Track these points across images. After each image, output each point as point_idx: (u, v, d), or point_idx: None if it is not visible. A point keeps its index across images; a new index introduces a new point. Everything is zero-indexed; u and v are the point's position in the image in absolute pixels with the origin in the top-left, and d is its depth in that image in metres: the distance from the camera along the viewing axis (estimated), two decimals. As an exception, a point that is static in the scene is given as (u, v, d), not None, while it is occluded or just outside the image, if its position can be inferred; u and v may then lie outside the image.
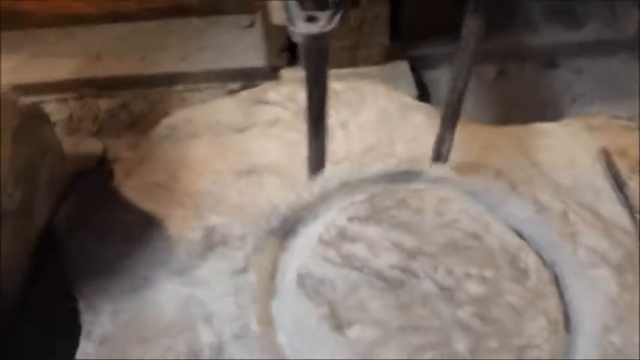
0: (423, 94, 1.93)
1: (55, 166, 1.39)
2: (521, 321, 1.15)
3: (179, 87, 1.93)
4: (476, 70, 2.02)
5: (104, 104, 1.88)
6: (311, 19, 0.89)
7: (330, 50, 0.99)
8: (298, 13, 0.90)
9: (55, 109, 1.84)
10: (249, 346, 1.14)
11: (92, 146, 1.72)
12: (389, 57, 1.92)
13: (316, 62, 0.99)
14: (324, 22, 0.89)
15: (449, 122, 1.26)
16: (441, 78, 1.94)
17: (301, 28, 0.89)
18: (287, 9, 0.92)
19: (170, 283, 1.22)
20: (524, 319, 1.15)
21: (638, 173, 1.39)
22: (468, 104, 1.92)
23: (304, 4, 0.90)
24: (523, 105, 1.94)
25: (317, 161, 1.25)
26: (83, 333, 1.18)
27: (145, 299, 1.21)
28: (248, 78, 1.94)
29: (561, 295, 1.23)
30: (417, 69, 1.99)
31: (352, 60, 1.89)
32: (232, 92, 1.81)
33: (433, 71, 2.00)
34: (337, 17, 0.90)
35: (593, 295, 1.19)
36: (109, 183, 1.43)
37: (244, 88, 1.84)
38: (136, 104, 1.88)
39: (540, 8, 2.11)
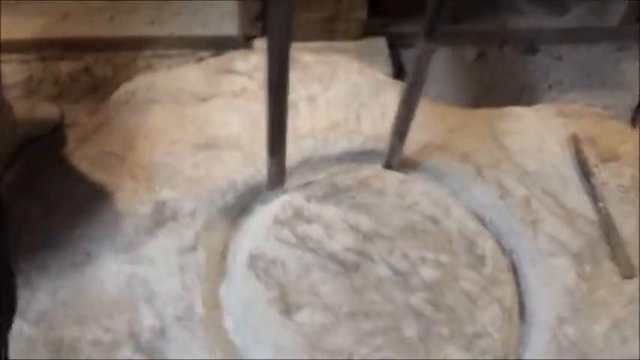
0: (400, 72, 1.88)
1: (2, 129, 1.32)
2: (474, 308, 1.12)
3: (147, 52, 1.85)
4: (455, 52, 1.99)
5: (66, 67, 1.80)
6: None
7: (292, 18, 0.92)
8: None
9: (15, 69, 1.76)
10: (191, 329, 1.09)
11: (49, 111, 1.65)
12: (367, 33, 1.87)
13: (279, 25, 0.92)
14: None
15: (399, 134, 1.23)
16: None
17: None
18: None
19: (114, 260, 1.17)
20: (477, 307, 1.13)
21: (606, 162, 1.36)
22: (445, 86, 1.88)
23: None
24: (500, 88, 1.90)
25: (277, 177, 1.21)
26: (18, 311, 1.12)
27: (87, 276, 1.16)
28: (220, 47, 1.87)
29: (518, 283, 1.20)
30: (395, 46, 1.94)
31: (330, 33, 1.83)
32: (202, 60, 1.75)
33: (412, 49, 1.94)
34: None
35: (549, 285, 1.17)
36: (60, 150, 1.37)
37: (215, 56, 1.78)
38: (100, 68, 1.81)
39: (525, -8, 2.06)
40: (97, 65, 1.82)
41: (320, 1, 1.69)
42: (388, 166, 1.33)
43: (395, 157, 1.31)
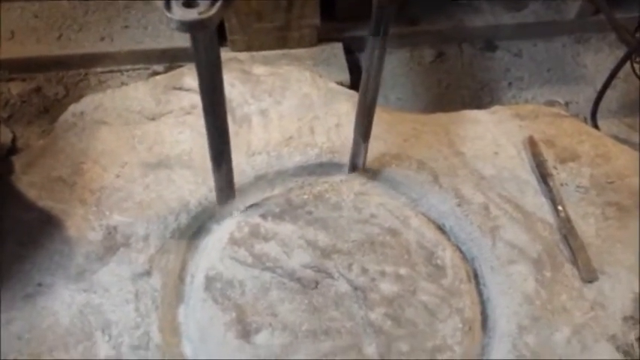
0: (358, 78, 1.86)
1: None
2: (434, 321, 1.11)
3: (98, 69, 1.82)
4: (413, 53, 1.98)
5: (16, 88, 1.76)
6: (189, 4, 0.80)
7: (216, 43, 0.89)
8: (175, -5, 0.80)
9: (-37, 93, 1.71)
10: (147, 357, 1.06)
11: (0, 134, 1.61)
12: (322, 38, 1.85)
13: (204, 56, 0.89)
14: (203, 8, 0.80)
15: (362, 133, 1.20)
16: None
17: (176, 14, 0.79)
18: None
19: (66, 290, 1.14)
20: (437, 320, 1.11)
21: (564, 163, 1.35)
22: (404, 89, 1.87)
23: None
24: (460, 88, 1.89)
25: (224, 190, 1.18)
26: (-29, 345, 1.09)
27: (39, 307, 1.12)
28: (173, 59, 1.84)
29: (480, 293, 1.19)
30: (352, 51, 1.92)
31: (283, 42, 1.81)
32: (156, 74, 1.71)
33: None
34: (219, 2, 0.80)
35: (509, 293, 1.15)
36: (8, 176, 1.33)
37: (169, 69, 1.74)
38: (51, 88, 1.77)
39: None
40: (47, 85, 1.78)
41: (270, 11, 1.66)
42: (354, 168, 1.30)
43: (359, 158, 1.28)
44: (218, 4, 0.81)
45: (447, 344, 1.08)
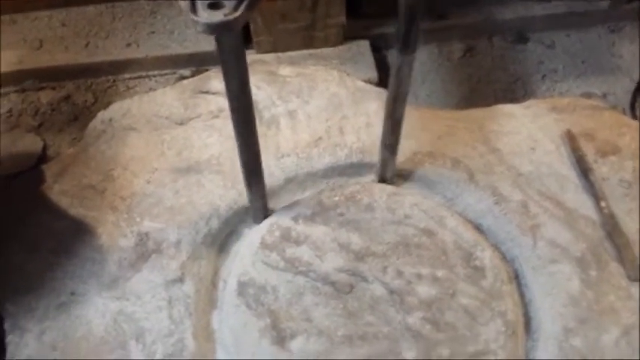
0: (385, 75, 1.83)
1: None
2: (475, 325, 1.07)
3: (126, 75, 1.82)
4: (442, 49, 1.93)
5: (45, 97, 1.76)
6: (214, 6, 0.78)
7: (242, 45, 0.87)
8: (200, -2, 0.79)
9: (-6, 104, 1.73)
10: (181, 364, 1.05)
11: (31, 143, 1.62)
12: (349, 37, 1.82)
13: (230, 59, 0.87)
14: (229, 9, 0.78)
15: (390, 147, 1.17)
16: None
17: (202, 17, 0.77)
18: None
19: (100, 298, 1.13)
20: (478, 323, 1.07)
21: (605, 157, 1.30)
22: (433, 86, 1.82)
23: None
24: (491, 83, 1.84)
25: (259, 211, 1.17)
26: (7, 356, 1.09)
27: (73, 316, 1.12)
28: (200, 63, 1.83)
29: (522, 294, 1.14)
30: (379, 49, 1.89)
31: (309, 42, 1.78)
32: (184, 79, 1.71)
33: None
34: (245, 3, 0.78)
35: (553, 294, 1.11)
36: (39, 186, 1.33)
37: (196, 74, 1.73)
38: (80, 95, 1.77)
39: (510, -20, 2.00)
40: (77, 92, 1.78)
41: (295, 10, 1.64)
42: (382, 180, 1.28)
43: (388, 171, 1.25)
44: (243, 6, 0.79)
45: (490, 348, 1.04)
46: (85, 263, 1.18)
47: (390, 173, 1.25)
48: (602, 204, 1.21)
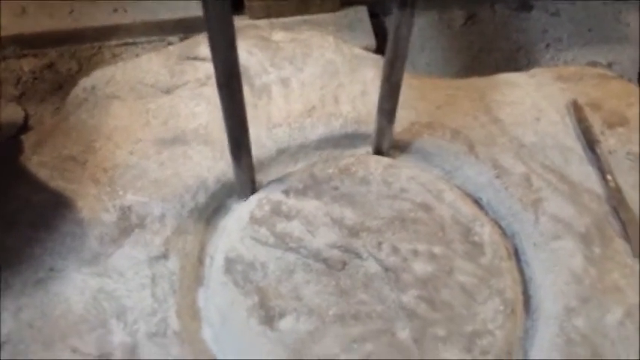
0: (384, 43, 1.76)
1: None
2: (473, 304, 1.02)
3: (112, 42, 1.74)
4: (443, 16, 1.85)
5: (28, 64, 1.70)
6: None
7: (230, 10, 0.80)
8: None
9: (-27, 73, 1.66)
10: (165, 344, 1.00)
11: (12, 113, 1.55)
12: (345, 2, 1.74)
13: (214, 18, 0.80)
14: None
15: (387, 112, 1.10)
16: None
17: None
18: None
19: (79, 274, 1.07)
20: (476, 302, 1.02)
21: (612, 128, 1.23)
22: (433, 54, 1.75)
23: None
24: (494, 52, 1.77)
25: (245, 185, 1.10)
26: (-17, 334, 1.04)
27: (51, 293, 1.06)
28: (189, 30, 1.76)
29: (521, 271, 1.09)
30: (377, 14, 1.81)
31: (303, 7, 1.71)
32: (171, 45, 1.63)
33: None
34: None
35: (555, 271, 1.06)
36: (18, 157, 1.27)
37: (185, 40, 1.66)
38: (64, 63, 1.71)
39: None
40: (60, 60, 1.72)
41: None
42: (378, 151, 1.22)
43: (385, 141, 1.19)
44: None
45: (487, 328, 1.00)
46: (64, 238, 1.12)
47: (387, 144, 1.19)
48: (608, 177, 1.15)
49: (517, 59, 1.73)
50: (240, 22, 1.67)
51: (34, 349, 1.02)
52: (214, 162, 1.20)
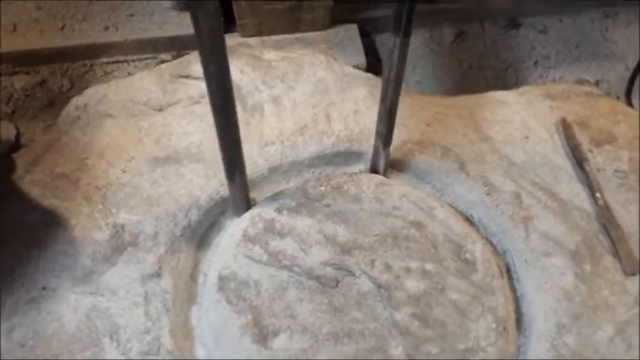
0: (375, 60, 1.77)
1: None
2: (465, 321, 1.03)
3: (103, 59, 1.74)
4: (433, 34, 1.87)
5: (19, 82, 1.69)
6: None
7: (220, 24, 0.81)
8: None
9: (-35, 90, 1.65)
10: (158, 363, 1.00)
11: (3, 130, 1.55)
12: (337, 20, 1.75)
13: (206, 39, 0.81)
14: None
15: (383, 136, 1.11)
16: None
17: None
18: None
19: (72, 293, 1.07)
20: (468, 319, 1.03)
21: (600, 146, 1.25)
22: (424, 72, 1.77)
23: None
24: (483, 69, 1.79)
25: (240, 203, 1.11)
26: (-26, 353, 1.03)
27: (44, 312, 1.06)
28: (182, 48, 1.76)
29: (513, 289, 1.10)
30: (368, 33, 1.83)
31: (295, 25, 1.72)
32: (164, 63, 1.64)
33: (386, 34, 1.84)
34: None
35: (546, 289, 1.07)
36: (10, 176, 1.26)
37: (177, 59, 1.66)
38: (55, 81, 1.70)
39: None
40: (52, 77, 1.71)
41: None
42: (373, 171, 1.23)
43: (380, 161, 1.20)
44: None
45: (480, 346, 1.00)
46: (57, 256, 1.12)
47: (382, 166, 1.19)
48: (597, 195, 1.16)
49: (506, 77, 1.75)
50: (231, 40, 1.67)
51: (26, 369, 1.01)
52: (207, 180, 1.21)
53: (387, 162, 1.19)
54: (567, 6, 1.89)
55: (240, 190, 1.11)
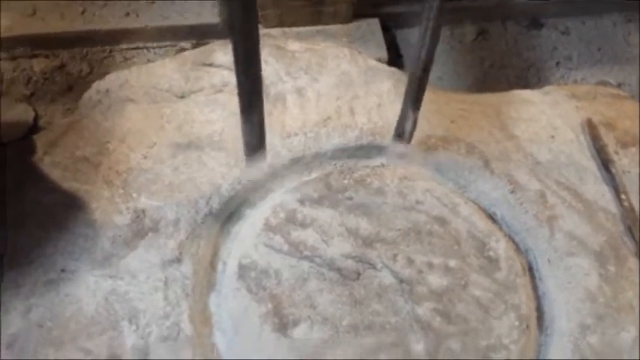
0: (395, 56, 1.76)
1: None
2: (488, 318, 1.02)
3: (123, 45, 1.73)
4: (454, 31, 1.86)
5: (39, 65, 1.68)
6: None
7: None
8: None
9: (-15, 71, 1.65)
10: (176, 348, 0.99)
11: (22, 113, 1.54)
12: (358, 14, 1.74)
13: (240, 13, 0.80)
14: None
15: (413, 98, 1.08)
16: (415, 37, 1.77)
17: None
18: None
19: (91, 276, 1.07)
20: (491, 316, 1.02)
21: (626, 148, 1.24)
22: (445, 68, 1.75)
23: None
24: (504, 68, 1.78)
25: (253, 139, 1.08)
26: (-11, 333, 1.03)
27: (62, 294, 1.05)
28: (201, 36, 1.75)
29: (535, 287, 1.09)
30: (389, 28, 1.82)
31: (317, 17, 1.71)
32: (184, 51, 1.63)
33: (407, 30, 1.83)
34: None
35: (570, 288, 1.06)
36: (29, 157, 1.26)
37: (197, 47, 1.66)
38: (75, 65, 1.69)
39: (526, -38, 1.93)
40: (71, 62, 1.70)
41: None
42: (399, 135, 1.19)
43: (407, 125, 1.15)
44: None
45: (503, 343, 0.99)
46: (76, 239, 1.11)
47: (409, 128, 1.16)
48: (623, 197, 1.15)
49: (527, 77, 1.74)
50: (253, 30, 1.67)
51: (43, 349, 1.00)
52: (228, 169, 1.20)
53: (413, 127, 1.16)
54: (590, 8, 1.87)
55: (257, 130, 1.08)
